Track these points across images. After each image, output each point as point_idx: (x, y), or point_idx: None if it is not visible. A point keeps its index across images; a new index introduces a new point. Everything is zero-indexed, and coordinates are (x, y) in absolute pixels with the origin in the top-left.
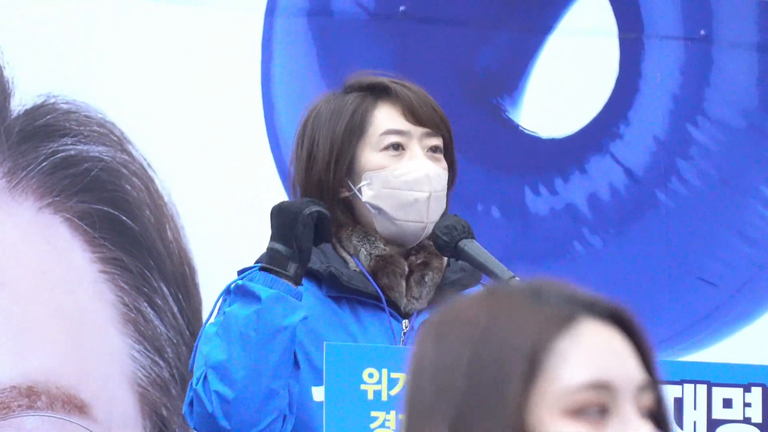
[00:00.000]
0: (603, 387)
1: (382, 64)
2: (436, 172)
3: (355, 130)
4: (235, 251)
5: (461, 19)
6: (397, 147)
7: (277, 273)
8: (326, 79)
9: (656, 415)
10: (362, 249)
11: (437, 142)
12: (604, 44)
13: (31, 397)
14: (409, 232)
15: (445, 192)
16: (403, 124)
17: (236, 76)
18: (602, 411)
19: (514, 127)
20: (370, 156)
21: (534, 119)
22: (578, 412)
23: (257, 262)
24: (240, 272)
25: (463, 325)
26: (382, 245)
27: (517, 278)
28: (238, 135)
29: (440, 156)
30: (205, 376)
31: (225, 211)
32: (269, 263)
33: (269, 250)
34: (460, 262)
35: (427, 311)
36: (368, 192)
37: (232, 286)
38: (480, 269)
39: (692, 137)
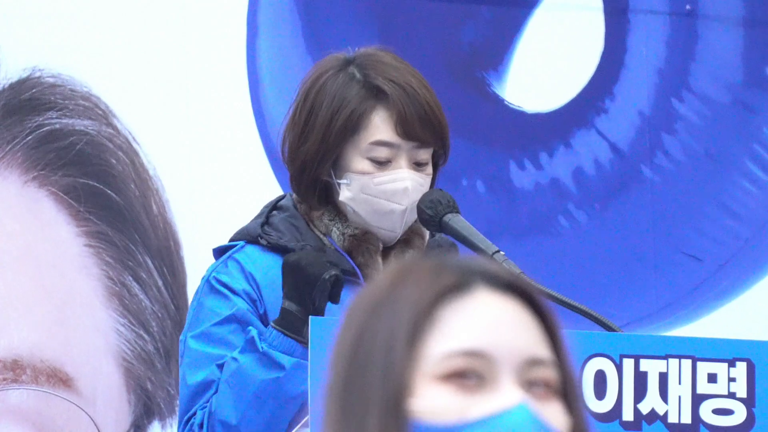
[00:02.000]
0: (477, 355)
1: (367, 39)
2: (416, 184)
3: (349, 128)
4: (220, 225)
5: None
6: (383, 161)
7: (293, 337)
8: (311, 54)
9: (564, 391)
10: (334, 228)
11: (426, 156)
12: (589, 19)
13: (15, 370)
14: (380, 235)
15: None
16: (393, 136)
17: (222, 51)
18: (476, 378)
19: (500, 102)
20: (356, 159)
21: (519, 94)
22: (448, 378)
23: (232, 240)
24: (215, 251)
25: (367, 294)
26: (354, 225)
27: (501, 253)
28: (224, 109)
29: (426, 166)
30: (213, 429)
31: (210, 185)
32: (285, 327)
33: (284, 311)
34: (436, 237)
35: None
36: (346, 192)
37: (212, 280)
38: (464, 244)
39: (677, 112)
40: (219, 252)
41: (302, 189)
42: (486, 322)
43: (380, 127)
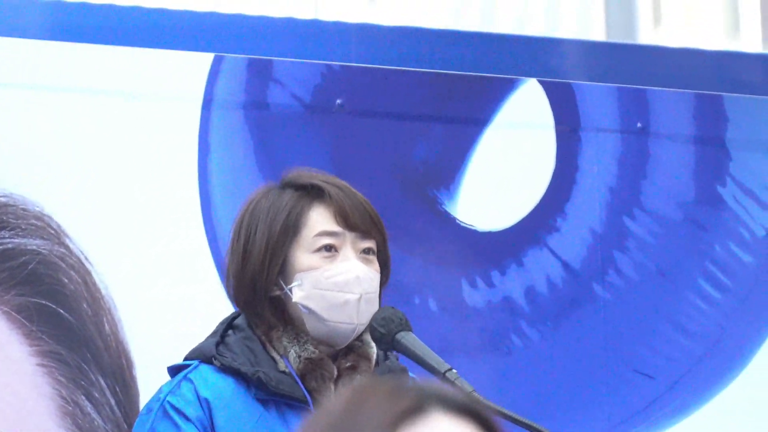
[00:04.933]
0: None
1: (319, 157)
2: (368, 273)
3: (290, 230)
4: (173, 344)
5: (398, 112)
6: (329, 248)
7: None
8: (263, 172)
9: None
10: (292, 350)
11: (370, 244)
12: (540, 137)
13: None
14: (340, 332)
15: (377, 293)
16: (335, 226)
17: (173, 169)
18: None
19: (451, 220)
20: (303, 257)
21: (471, 212)
22: None
23: (187, 358)
24: (170, 369)
25: (321, 419)
26: (311, 348)
27: (454, 371)
28: (175, 228)
29: (373, 258)
30: None
31: (162, 304)
32: None
33: None
34: (387, 362)
35: None
36: (299, 293)
37: (166, 404)
38: (417, 362)
39: (629, 230)
40: (174, 371)
41: (258, 310)
42: None
43: (320, 220)
